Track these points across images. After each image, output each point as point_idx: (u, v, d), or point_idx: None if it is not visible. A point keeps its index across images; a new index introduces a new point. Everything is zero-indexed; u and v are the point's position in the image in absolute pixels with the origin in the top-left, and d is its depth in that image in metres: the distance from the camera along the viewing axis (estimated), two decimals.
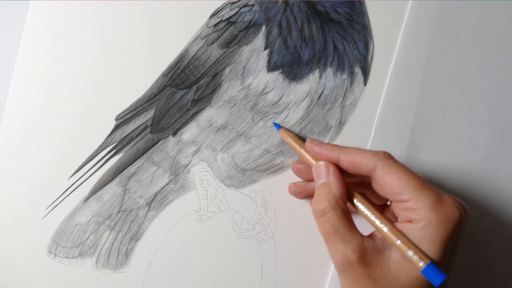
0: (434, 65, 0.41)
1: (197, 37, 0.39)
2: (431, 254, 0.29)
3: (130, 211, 0.40)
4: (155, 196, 0.40)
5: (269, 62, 0.40)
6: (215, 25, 0.39)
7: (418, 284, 0.29)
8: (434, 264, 0.29)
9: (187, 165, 0.40)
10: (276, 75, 0.40)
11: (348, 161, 0.33)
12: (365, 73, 0.41)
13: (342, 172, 0.34)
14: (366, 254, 0.30)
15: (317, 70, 0.40)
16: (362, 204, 0.32)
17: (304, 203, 0.41)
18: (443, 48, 0.41)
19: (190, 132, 0.40)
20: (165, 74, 0.39)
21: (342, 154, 0.33)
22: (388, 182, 0.31)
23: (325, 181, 0.33)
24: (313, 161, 0.35)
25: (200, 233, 0.40)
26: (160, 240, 0.40)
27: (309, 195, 0.39)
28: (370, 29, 0.41)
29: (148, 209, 0.40)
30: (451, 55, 0.42)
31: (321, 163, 0.34)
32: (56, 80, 0.39)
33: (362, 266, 0.30)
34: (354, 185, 0.36)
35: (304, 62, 0.40)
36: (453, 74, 0.42)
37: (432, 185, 0.32)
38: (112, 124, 0.40)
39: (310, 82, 0.40)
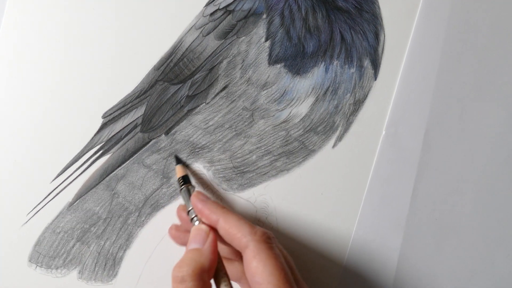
0: (450, 58, 0.41)
1: (191, 27, 0.38)
2: None
3: (119, 217, 0.39)
4: (146, 201, 0.39)
5: (270, 54, 0.39)
6: (212, 14, 0.38)
7: None
8: None
9: None
10: (278, 69, 0.39)
11: (225, 229, 0.32)
12: (375, 66, 0.40)
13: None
14: None
15: (323, 63, 0.40)
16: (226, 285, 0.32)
17: (308, 209, 0.41)
18: (460, 39, 0.41)
19: (184, 131, 0.39)
20: (156, 67, 0.38)
21: (222, 220, 0.33)
22: (252, 267, 0.30)
23: (198, 247, 0.32)
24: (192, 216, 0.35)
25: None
26: (152, 249, 0.39)
27: None
28: (381, 19, 0.40)
29: (138, 215, 0.39)
30: (469, 46, 0.41)
31: (203, 227, 0.33)
32: (37, 74, 0.38)
33: None
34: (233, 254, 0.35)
35: (309, 55, 0.39)
36: (471, 67, 0.41)
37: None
38: (98, 122, 0.38)
39: (315, 77, 0.40)
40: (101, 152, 0.39)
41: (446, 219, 0.41)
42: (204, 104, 0.39)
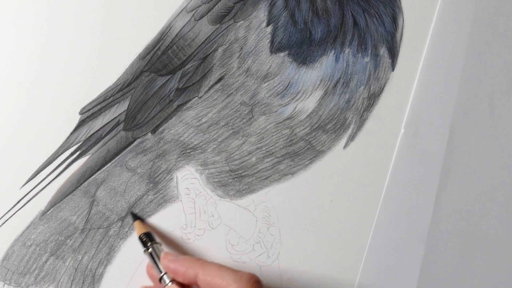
0: (478, 45, 0.40)
1: (182, 10, 0.38)
2: None
3: (99, 228, 0.38)
4: (129, 210, 0.38)
5: (272, 41, 0.39)
6: None
7: None
8: None
9: (170, 170, 0.39)
10: (282, 58, 0.39)
11: (206, 281, 0.32)
12: (393, 55, 0.40)
13: None
14: None
15: (333, 51, 0.39)
16: None
17: (316, 218, 0.40)
18: (490, 23, 0.41)
19: (173, 129, 0.39)
20: (142, 56, 0.38)
21: (201, 272, 0.33)
22: None
23: None
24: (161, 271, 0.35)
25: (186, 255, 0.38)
26: (136, 264, 0.38)
27: None
28: (399, 0, 0.40)
29: (121, 226, 0.38)
30: (500, 32, 0.41)
31: (168, 284, 0.34)
32: (5, 64, 0.37)
33: None
34: None
35: (317, 42, 0.39)
36: (502, 56, 0.41)
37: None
38: (76, 119, 0.38)
39: (324, 67, 0.39)
40: (78, 153, 0.38)
41: (474, 230, 0.41)
42: (197, 98, 0.39)
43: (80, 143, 0.38)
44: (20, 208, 0.37)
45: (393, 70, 0.40)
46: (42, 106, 0.37)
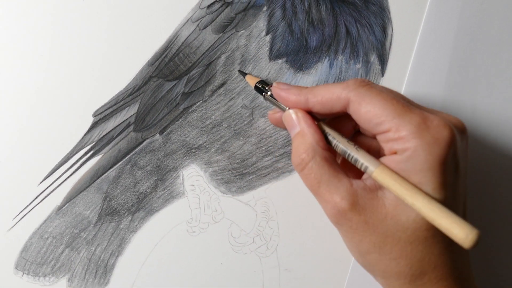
0: (463, 52, 0.39)
1: (187, 21, 0.38)
2: (424, 187, 0.27)
3: (110, 222, 0.38)
4: (139, 205, 0.38)
5: (271, 49, 0.38)
6: (209, 6, 0.38)
7: (421, 221, 0.27)
8: (433, 198, 0.27)
9: (177, 168, 0.39)
10: (280, 64, 0.38)
11: (318, 102, 0.31)
12: (383, 61, 0.39)
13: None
14: (358, 199, 0.29)
15: (327, 58, 0.39)
16: (334, 138, 0.31)
17: (312, 212, 0.40)
18: (474, 31, 0.39)
19: (179, 130, 0.39)
20: (150, 63, 0.38)
21: (311, 96, 0.32)
22: (363, 114, 0.29)
23: (298, 130, 0.32)
24: (285, 107, 0.34)
25: (191, 248, 0.39)
26: (145, 255, 0.38)
27: None
28: (389, 11, 0.39)
29: (131, 220, 0.38)
30: (484, 39, 0.39)
31: (290, 111, 0.33)
32: (24, 69, 0.37)
33: (356, 213, 0.29)
34: (338, 123, 0.34)
35: (312, 49, 0.38)
36: (485, 62, 0.40)
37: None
38: (89, 121, 0.38)
39: (319, 73, 0.39)
40: (91, 152, 0.38)
41: None
42: (201, 101, 0.38)
43: (94, 143, 0.38)
44: (38, 204, 0.37)
45: (382, 75, 0.39)
46: (58, 109, 0.37)
